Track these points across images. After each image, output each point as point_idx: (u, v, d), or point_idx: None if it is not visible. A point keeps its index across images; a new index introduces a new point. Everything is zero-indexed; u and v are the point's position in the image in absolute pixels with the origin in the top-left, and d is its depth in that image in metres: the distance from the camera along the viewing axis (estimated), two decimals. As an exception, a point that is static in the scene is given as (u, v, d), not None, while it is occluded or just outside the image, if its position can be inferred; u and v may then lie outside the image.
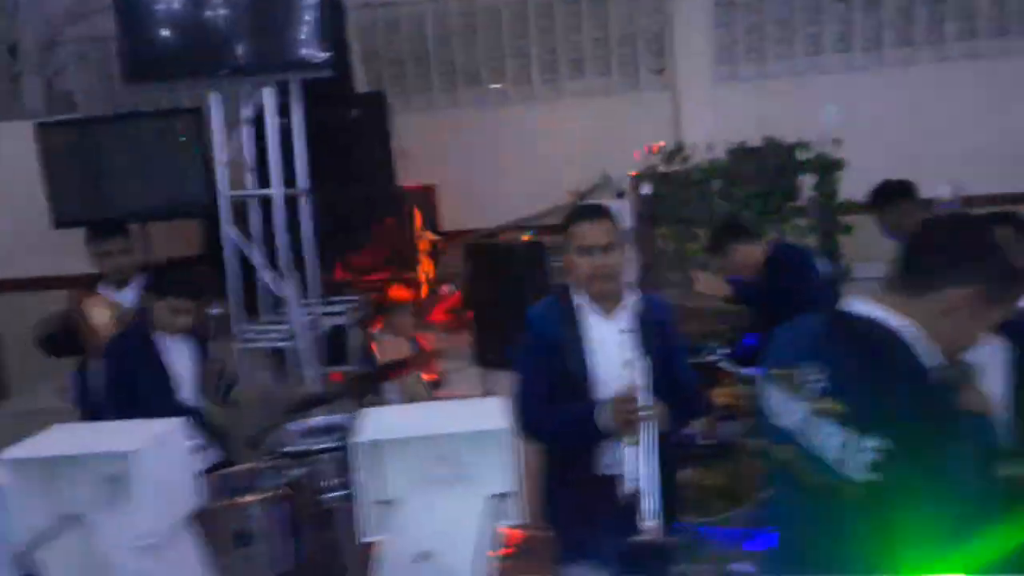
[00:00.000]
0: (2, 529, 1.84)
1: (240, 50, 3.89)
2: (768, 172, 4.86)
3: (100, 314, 3.87)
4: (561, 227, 2.66)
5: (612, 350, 2.45)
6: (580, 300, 2.53)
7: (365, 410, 2.00)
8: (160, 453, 1.98)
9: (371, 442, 1.85)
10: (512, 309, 4.74)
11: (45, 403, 5.22)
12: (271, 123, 4.05)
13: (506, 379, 3.94)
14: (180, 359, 3.32)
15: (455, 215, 7.03)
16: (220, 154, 4.15)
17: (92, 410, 4.03)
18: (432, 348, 4.25)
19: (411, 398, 3.92)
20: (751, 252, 3.42)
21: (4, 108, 7.16)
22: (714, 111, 6.78)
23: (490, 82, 7.46)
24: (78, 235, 5.59)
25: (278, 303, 4.63)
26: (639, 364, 2.36)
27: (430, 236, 6.49)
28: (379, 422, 1.94)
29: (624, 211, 6.48)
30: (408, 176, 6.26)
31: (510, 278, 4.69)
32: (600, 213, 2.56)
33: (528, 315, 2.62)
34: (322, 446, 3.10)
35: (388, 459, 1.92)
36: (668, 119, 7.10)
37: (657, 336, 2.46)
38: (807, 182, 5.01)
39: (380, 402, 3.98)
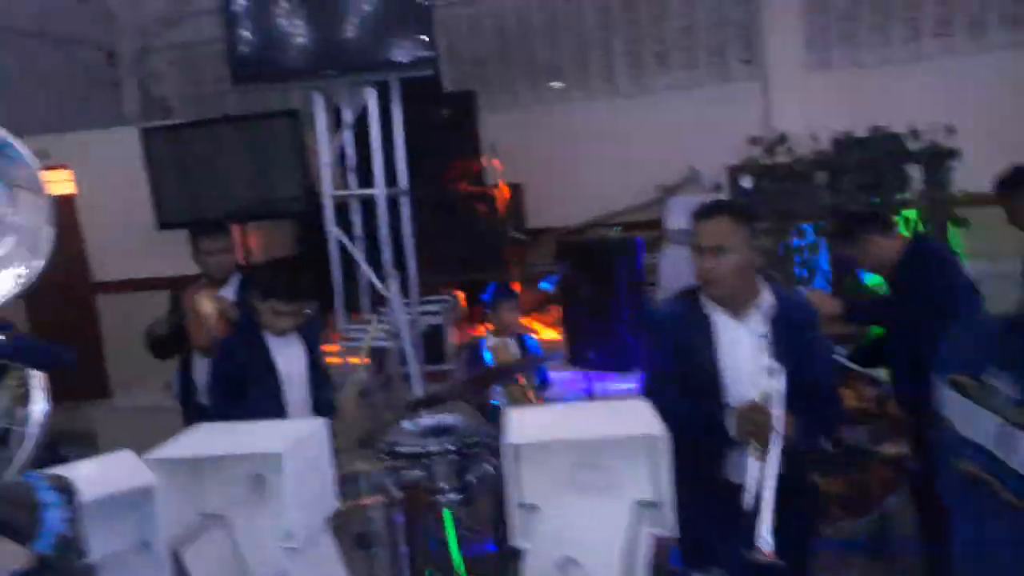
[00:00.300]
0: (152, 528, 1.87)
1: (344, 51, 3.92)
2: (875, 163, 4.66)
3: (207, 306, 3.95)
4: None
5: (743, 354, 2.34)
6: (705, 299, 2.42)
7: (511, 411, 1.97)
8: (306, 454, 1.99)
9: (521, 445, 1.82)
10: (606, 305, 4.72)
11: (147, 401, 5.38)
12: (375, 123, 4.07)
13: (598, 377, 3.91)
14: (288, 358, 3.33)
15: (540, 212, 6.99)
16: (324, 155, 4.19)
17: (197, 408, 4.13)
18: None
19: (515, 402, 3.87)
20: (888, 246, 3.21)
21: (105, 114, 7.40)
22: (806, 101, 6.57)
23: (573, 78, 7.39)
24: (178, 237, 5.78)
25: (376, 303, 4.66)
26: (774, 372, 2.25)
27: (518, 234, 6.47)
28: (525, 424, 1.90)
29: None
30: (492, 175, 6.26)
31: (604, 275, 4.62)
32: (717, 211, 2.41)
33: (654, 315, 2.55)
34: (436, 448, 3.09)
35: (534, 463, 1.89)
36: (758, 110, 6.91)
37: (795, 341, 2.32)
38: (916, 173, 4.78)
39: (486, 404, 3.96)
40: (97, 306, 6.48)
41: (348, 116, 4.25)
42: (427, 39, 3.83)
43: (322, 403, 3.32)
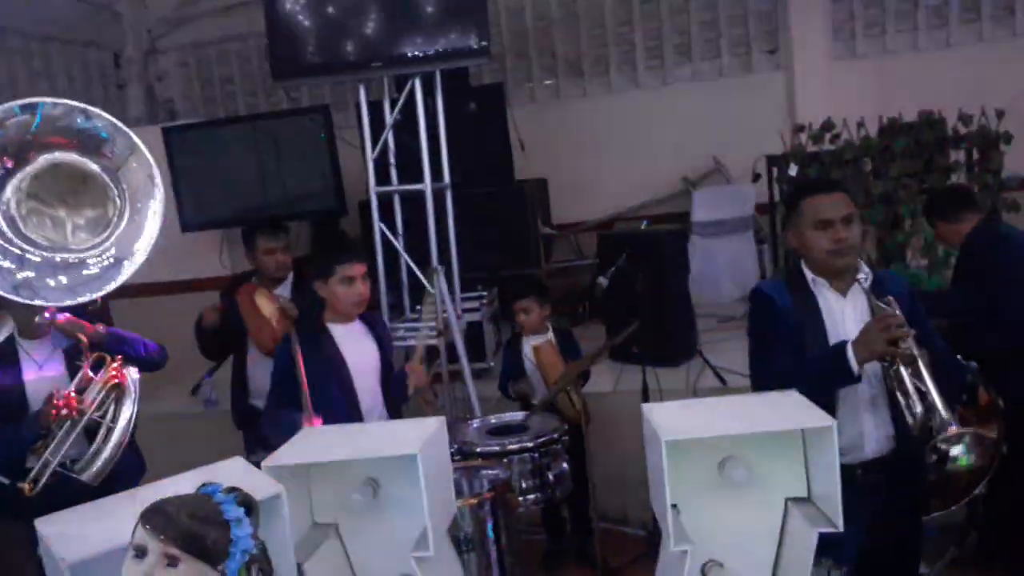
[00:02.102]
0: (283, 540, 1.74)
1: (393, 43, 3.80)
2: (923, 148, 4.59)
3: (267, 305, 3.83)
4: (790, 200, 2.56)
5: (851, 327, 2.33)
6: (813, 276, 2.42)
7: (650, 406, 1.86)
8: (435, 454, 1.87)
9: (673, 441, 1.70)
10: (652, 300, 4.60)
11: (169, 407, 5.23)
12: (422, 116, 3.95)
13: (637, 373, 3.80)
14: (357, 352, 3.21)
15: (564, 207, 6.89)
16: (369, 150, 4.06)
17: (250, 411, 4.00)
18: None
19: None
20: (952, 231, 3.18)
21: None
22: (832, 90, 6.49)
23: (593, 71, 7.29)
24: (202, 240, 5.63)
25: (414, 301, 4.54)
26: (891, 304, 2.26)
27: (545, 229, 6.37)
28: (669, 419, 1.79)
29: (750, 195, 6.30)
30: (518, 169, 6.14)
31: (650, 269, 4.50)
32: (834, 185, 2.51)
33: (762, 288, 2.51)
34: (515, 446, 2.98)
35: (676, 460, 1.78)
36: (782, 101, 6.85)
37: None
38: (964, 159, 4.72)
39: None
40: (110, 311, 6.31)
41: (389, 110, 4.12)
42: (482, 27, 3.71)
43: (396, 406, 3.20)
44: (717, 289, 5.92)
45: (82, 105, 2.87)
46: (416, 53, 3.80)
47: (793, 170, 4.54)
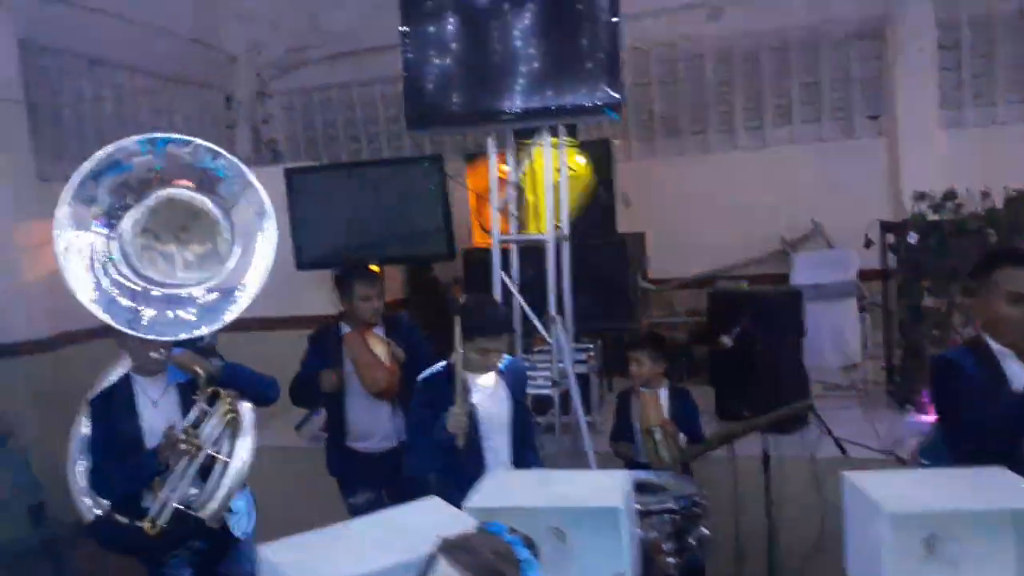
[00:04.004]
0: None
1: (520, 96, 3.89)
2: (1053, 222, 4.51)
3: (379, 347, 3.90)
4: (980, 269, 2.51)
5: None
6: (999, 347, 2.39)
7: (861, 475, 1.84)
8: (628, 509, 1.88)
9: (898, 515, 1.67)
10: (761, 361, 4.57)
11: (271, 441, 5.29)
12: (548, 167, 4.02)
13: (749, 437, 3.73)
14: (489, 403, 3.21)
15: (661, 262, 6.90)
16: (494, 199, 4.15)
17: (346, 451, 4.01)
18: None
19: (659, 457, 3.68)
20: None
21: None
22: (937, 159, 6.44)
23: (690, 129, 7.35)
24: (313, 278, 5.76)
25: (525, 350, 4.57)
26: None
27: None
28: (880, 490, 1.76)
29: (853, 260, 6.22)
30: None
31: (767, 330, 4.46)
32: None
33: (947, 356, 2.48)
34: (656, 507, 2.94)
35: (903, 533, 1.74)
36: (884, 167, 6.82)
37: None
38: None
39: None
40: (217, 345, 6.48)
41: (514, 160, 4.21)
42: (615, 82, 3.77)
43: (527, 460, 3.18)
44: (820, 355, 5.82)
45: (210, 145, 2.95)
46: (551, 106, 3.87)
47: (912, 238, 4.48)
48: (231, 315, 2.95)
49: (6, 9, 5.30)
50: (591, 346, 5.08)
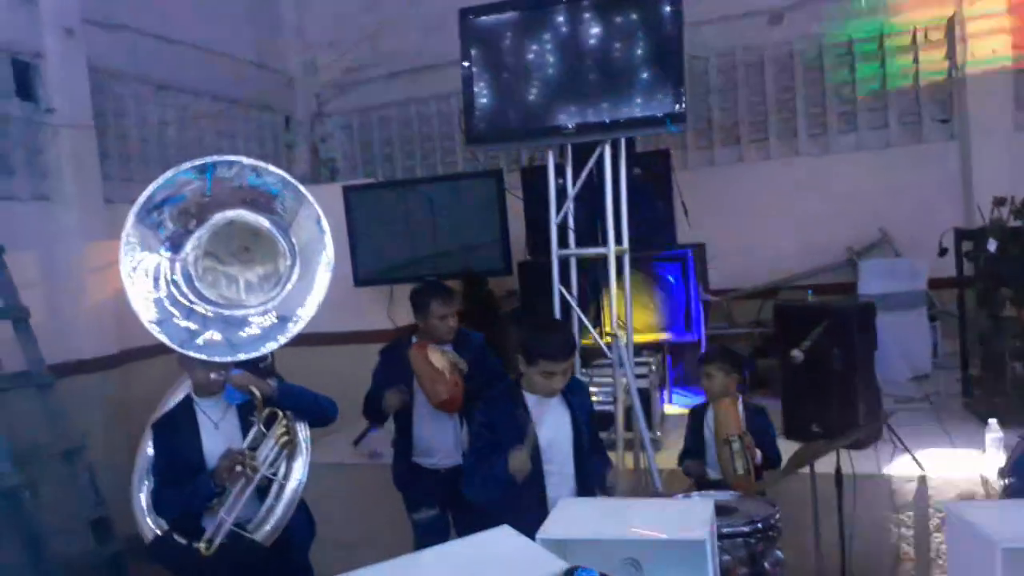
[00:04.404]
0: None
1: (580, 110, 3.83)
2: None
3: (440, 360, 3.86)
4: None
5: None
6: None
7: (956, 505, 1.73)
8: (712, 539, 1.79)
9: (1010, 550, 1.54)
10: (833, 375, 4.40)
11: (333, 457, 5.31)
12: (608, 181, 3.94)
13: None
14: (550, 424, 3.14)
15: (723, 272, 6.75)
16: (553, 213, 4.09)
17: (413, 468, 3.98)
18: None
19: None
20: None
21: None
22: (1011, 163, 6.17)
23: (751, 138, 7.20)
24: (370, 294, 5.79)
25: (586, 363, 4.49)
26: None
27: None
28: (989, 522, 1.63)
29: (922, 269, 5.99)
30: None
31: (840, 343, 4.29)
32: None
33: None
34: (728, 530, 2.82)
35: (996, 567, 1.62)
36: (956, 172, 6.56)
37: None
38: None
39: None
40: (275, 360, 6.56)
41: (574, 175, 4.14)
42: (679, 93, 3.69)
43: (593, 476, 3.10)
44: (889, 367, 5.60)
45: (253, 162, 2.97)
46: (616, 119, 3.80)
47: (992, 245, 4.28)
48: (287, 336, 2.98)
49: (77, 36, 5.48)
50: (651, 360, 4.97)
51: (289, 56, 8.19)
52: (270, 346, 3.00)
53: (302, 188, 3.03)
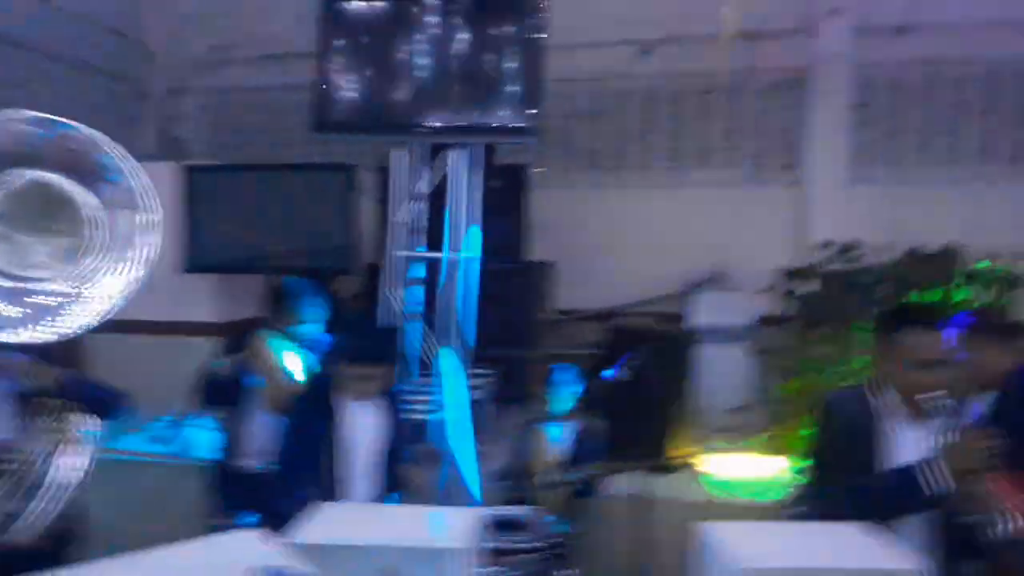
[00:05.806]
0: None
1: (437, 111, 3.77)
2: (941, 281, 4.62)
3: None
4: (884, 327, 2.40)
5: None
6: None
7: (712, 525, 1.75)
8: (472, 547, 1.75)
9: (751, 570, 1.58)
10: (653, 400, 4.52)
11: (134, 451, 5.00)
12: (458, 186, 3.90)
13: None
14: (361, 427, 3.09)
15: (568, 293, 6.84)
16: (397, 214, 4.01)
17: (233, 471, 3.81)
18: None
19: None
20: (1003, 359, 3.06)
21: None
22: (845, 213, 6.58)
23: (611, 165, 7.38)
24: (196, 282, 5.46)
25: (422, 372, 4.42)
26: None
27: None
28: (739, 543, 1.68)
29: (752, 306, 6.28)
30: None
31: (665, 369, 4.43)
32: (936, 316, 2.45)
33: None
34: (525, 545, 2.82)
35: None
36: (792, 217, 6.93)
37: None
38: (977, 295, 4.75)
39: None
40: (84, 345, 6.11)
41: (426, 175, 4.08)
42: (536, 106, 3.69)
43: (400, 481, 3.07)
44: (711, 396, 5.84)
45: (101, 136, 2.55)
46: (467, 124, 3.77)
47: (809, 287, 4.53)
48: (80, 322, 2.67)
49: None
50: (489, 373, 4.95)
51: (151, 26, 7.74)
52: (67, 328, 2.74)
53: (142, 172, 2.79)
